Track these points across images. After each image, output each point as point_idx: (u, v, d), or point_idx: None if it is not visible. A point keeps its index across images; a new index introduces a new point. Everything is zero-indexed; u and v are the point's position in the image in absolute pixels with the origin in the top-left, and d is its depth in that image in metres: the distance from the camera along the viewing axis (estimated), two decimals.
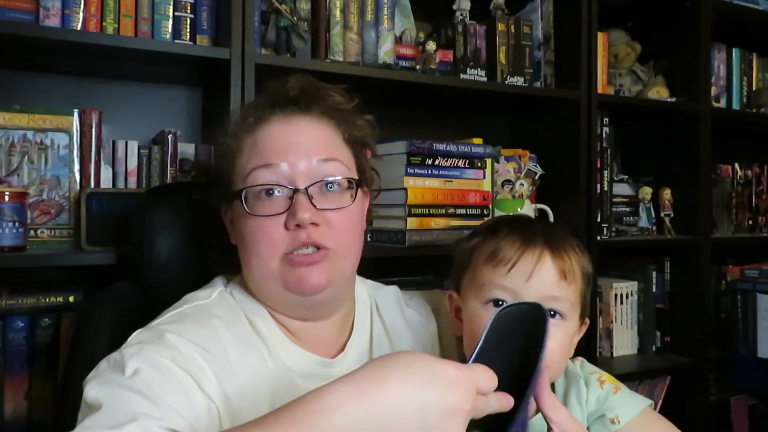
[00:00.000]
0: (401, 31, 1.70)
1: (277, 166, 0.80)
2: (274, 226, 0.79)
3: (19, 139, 1.30)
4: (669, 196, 2.03)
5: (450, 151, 1.55)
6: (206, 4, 1.41)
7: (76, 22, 1.29)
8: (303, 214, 0.77)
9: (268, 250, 0.79)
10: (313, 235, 0.79)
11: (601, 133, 1.86)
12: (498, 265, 0.79)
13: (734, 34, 2.22)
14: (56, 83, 1.48)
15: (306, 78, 0.88)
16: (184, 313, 0.81)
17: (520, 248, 0.79)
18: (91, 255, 1.26)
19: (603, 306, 1.95)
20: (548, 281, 0.79)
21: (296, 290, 0.80)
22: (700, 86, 2.00)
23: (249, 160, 0.82)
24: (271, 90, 0.87)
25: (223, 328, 0.79)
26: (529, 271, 0.78)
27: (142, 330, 0.77)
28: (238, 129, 0.86)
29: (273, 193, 0.80)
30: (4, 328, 1.24)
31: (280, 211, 0.79)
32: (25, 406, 1.26)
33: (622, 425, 0.83)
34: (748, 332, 1.97)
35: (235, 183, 0.84)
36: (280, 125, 0.83)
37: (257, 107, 0.86)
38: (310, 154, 0.81)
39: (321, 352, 0.86)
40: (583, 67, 1.77)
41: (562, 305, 0.80)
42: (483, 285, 0.81)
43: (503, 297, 0.79)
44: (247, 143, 0.83)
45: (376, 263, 1.43)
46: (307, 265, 0.79)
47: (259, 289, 0.84)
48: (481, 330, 0.69)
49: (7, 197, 1.20)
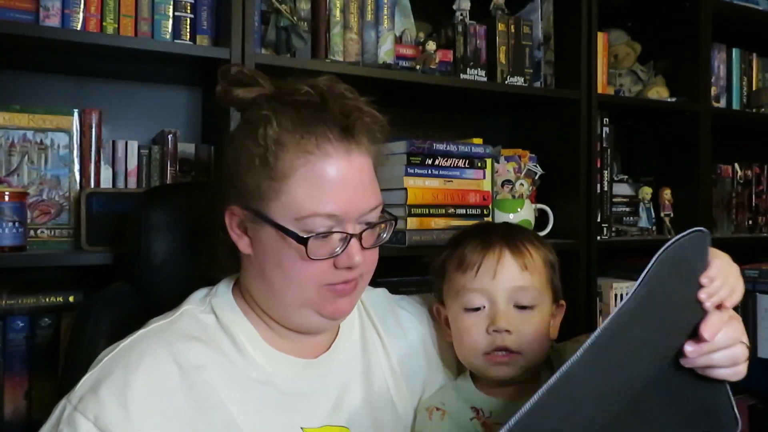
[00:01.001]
0: (401, 31, 1.70)
1: (336, 215, 0.78)
2: (325, 264, 0.79)
3: (19, 139, 1.30)
4: (669, 196, 2.03)
5: (450, 151, 1.55)
6: (206, 4, 1.41)
7: (76, 22, 1.29)
8: (357, 258, 0.79)
9: (312, 284, 0.79)
10: (355, 272, 0.81)
11: (601, 133, 1.86)
12: (466, 271, 0.88)
13: (734, 34, 2.22)
14: (56, 83, 1.48)
15: (346, 93, 0.80)
16: (132, 353, 0.77)
17: (481, 251, 0.88)
18: (91, 255, 1.26)
19: (603, 306, 1.94)
20: (512, 275, 0.87)
21: (329, 316, 0.82)
22: (700, 86, 2.00)
23: (305, 197, 0.76)
24: (313, 104, 0.78)
25: (176, 375, 0.76)
26: (493, 270, 0.87)
27: (90, 372, 0.76)
28: (288, 143, 0.77)
29: (327, 235, 0.79)
30: (4, 328, 1.24)
31: (335, 254, 0.78)
32: (24, 406, 1.26)
33: None
34: (748, 332, 1.95)
35: (274, 210, 0.78)
36: (341, 161, 0.78)
37: (307, 130, 0.77)
38: (365, 201, 0.80)
39: (305, 354, 0.86)
40: (583, 67, 1.77)
41: (530, 294, 0.88)
42: (458, 291, 0.89)
43: (476, 299, 0.88)
44: (300, 172, 0.76)
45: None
46: (345, 294, 0.82)
47: (282, 309, 0.83)
48: (466, 333, 0.85)
49: (7, 197, 1.20)
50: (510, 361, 0.86)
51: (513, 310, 0.86)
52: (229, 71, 0.84)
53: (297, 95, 0.79)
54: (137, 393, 0.72)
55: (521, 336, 0.85)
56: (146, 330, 0.81)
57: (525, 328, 0.86)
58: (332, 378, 0.86)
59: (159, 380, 0.74)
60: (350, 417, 0.84)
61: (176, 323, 0.82)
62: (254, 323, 0.85)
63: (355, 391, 0.87)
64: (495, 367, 0.87)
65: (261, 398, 0.79)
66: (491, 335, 0.86)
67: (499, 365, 0.86)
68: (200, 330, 0.82)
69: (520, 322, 0.86)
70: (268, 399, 0.79)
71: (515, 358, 0.86)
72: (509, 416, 0.58)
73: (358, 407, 0.85)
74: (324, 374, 0.85)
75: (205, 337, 0.81)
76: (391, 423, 0.88)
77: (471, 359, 0.89)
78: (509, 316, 0.86)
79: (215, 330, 0.83)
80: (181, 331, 0.80)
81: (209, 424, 0.75)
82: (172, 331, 0.80)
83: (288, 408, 0.80)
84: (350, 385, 0.87)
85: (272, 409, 0.79)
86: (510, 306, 0.86)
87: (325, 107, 0.78)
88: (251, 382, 0.80)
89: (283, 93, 0.81)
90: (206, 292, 0.88)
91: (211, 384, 0.76)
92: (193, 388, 0.76)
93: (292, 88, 0.80)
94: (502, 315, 0.86)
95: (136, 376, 0.73)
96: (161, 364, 0.76)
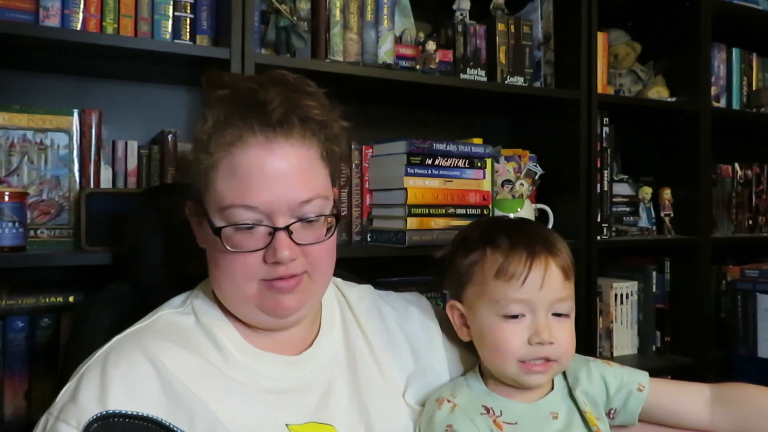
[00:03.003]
0: (401, 31, 1.70)
1: (256, 207, 0.77)
2: (253, 258, 0.78)
3: (19, 139, 1.30)
4: (669, 196, 2.03)
5: (450, 151, 1.55)
6: (206, 4, 1.41)
7: (75, 22, 1.29)
8: (283, 253, 0.77)
9: (244, 278, 0.79)
10: (291, 268, 0.79)
11: (601, 133, 1.86)
12: (510, 280, 0.85)
13: (734, 34, 2.22)
14: (56, 83, 1.48)
15: (284, 86, 0.80)
16: (108, 360, 0.77)
17: (527, 260, 0.85)
18: (91, 255, 1.26)
19: (603, 306, 1.95)
20: (557, 286, 0.86)
21: (271, 313, 0.81)
22: (700, 86, 2.00)
23: (226, 189, 0.77)
24: (246, 98, 0.78)
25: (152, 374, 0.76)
26: (540, 281, 0.85)
27: (68, 384, 0.76)
28: (212, 144, 0.78)
29: (252, 228, 0.77)
30: (4, 328, 1.24)
31: (260, 247, 0.77)
32: (24, 406, 1.25)
33: (647, 389, 0.92)
34: (748, 332, 1.97)
35: (207, 203, 0.80)
36: (260, 151, 0.77)
37: (232, 123, 0.78)
38: (291, 194, 0.78)
39: (287, 351, 0.85)
40: (583, 67, 1.77)
41: (568, 303, 0.87)
42: (498, 300, 0.86)
43: (520, 310, 0.85)
44: (223, 164, 0.78)
45: (376, 263, 1.44)
46: (285, 291, 0.80)
47: (229, 304, 0.83)
48: (504, 342, 0.84)
49: (7, 197, 1.20)
50: (546, 370, 0.86)
51: (552, 319, 0.86)
52: (210, 76, 0.84)
53: (236, 90, 0.80)
54: (116, 396, 0.73)
55: (560, 345, 0.85)
56: (121, 336, 0.81)
57: (563, 337, 0.86)
58: (316, 374, 0.85)
59: (137, 381, 0.74)
60: (336, 414, 0.83)
61: (150, 328, 0.82)
62: (234, 322, 0.84)
63: (341, 388, 0.86)
64: (531, 375, 0.85)
65: (243, 397, 0.78)
66: (533, 346, 0.84)
67: (536, 373, 0.85)
68: (175, 333, 0.81)
69: (558, 331, 0.85)
70: (251, 397, 0.79)
71: (552, 366, 0.86)
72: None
73: (344, 404, 0.84)
74: (308, 371, 0.85)
75: (181, 340, 0.80)
76: (377, 417, 0.86)
77: (505, 366, 0.87)
78: (550, 327, 0.85)
79: (194, 331, 0.82)
80: (156, 334, 0.80)
81: (191, 423, 0.74)
82: (146, 335, 0.80)
83: (272, 405, 0.79)
84: (335, 382, 0.86)
85: (255, 407, 0.78)
86: (549, 315, 0.86)
87: (256, 100, 0.77)
88: (231, 382, 0.79)
89: (229, 91, 0.81)
90: (187, 294, 0.88)
91: (187, 385, 0.76)
92: (172, 388, 0.75)
93: (234, 84, 0.81)
94: (544, 327, 0.84)
95: (113, 380, 0.73)
96: (137, 367, 0.76)
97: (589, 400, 0.90)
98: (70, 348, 0.98)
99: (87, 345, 0.92)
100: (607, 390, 0.92)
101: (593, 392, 0.91)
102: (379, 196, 1.60)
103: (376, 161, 1.62)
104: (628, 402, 0.92)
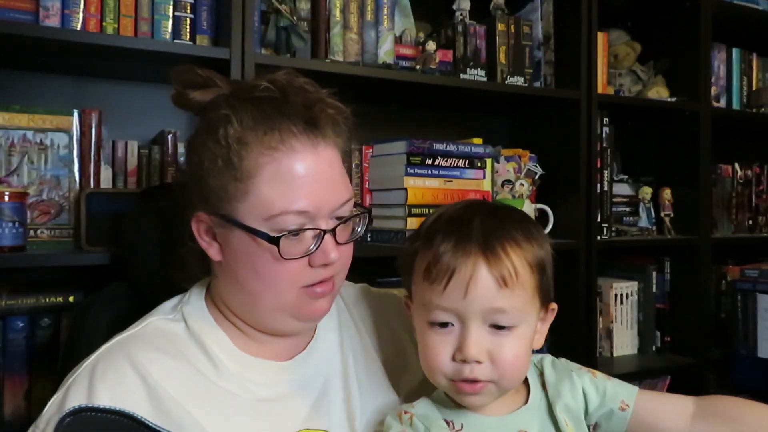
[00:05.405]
0: (401, 31, 1.70)
1: (308, 212, 0.75)
2: (299, 263, 0.76)
3: (19, 139, 1.30)
4: (669, 196, 2.03)
5: (450, 151, 1.55)
6: (206, 4, 1.41)
7: (75, 22, 1.29)
8: (333, 255, 0.77)
9: (288, 286, 0.78)
10: (330, 269, 0.79)
11: (601, 133, 1.86)
12: (433, 283, 0.73)
13: (734, 34, 2.22)
14: (56, 83, 1.48)
15: (306, 86, 0.78)
16: (95, 372, 0.75)
17: (451, 259, 0.72)
18: (91, 255, 1.26)
19: (603, 306, 1.95)
20: (487, 294, 0.71)
21: (305, 318, 0.81)
22: (700, 86, 2.00)
23: (274, 196, 0.74)
24: (269, 99, 0.76)
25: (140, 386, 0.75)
26: (464, 288, 0.71)
27: (56, 395, 0.75)
28: (247, 150, 0.74)
29: (298, 233, 0.76)
30: (4, 328, 1.24)
31: (310, 252, 0.76)
32: (24, 406, 1.25)
33: (632, 408, 0.82)
34: (748, 332, 1.97)
35: (241, 212, 0.76)
36: (308, 156, 0.75)
37: (268, 126, 0.74)
38: (335, 196, 0.78)
39: (280, 356, 0.84)
40: (583, 67, 1.77)
41: (509, 315, 0.72)
42: (424, 305, 0.75)
43: (447, 318, 0.73)
44: (267, 170, 0.74)
45: (376, 263, 1.44)
46: (324, 296, 0.80)
47: (261, 314, 0.81)
48: (431, 353, 0.73)
49: (7, 197, 1.20)
50: (477, 392, 0.73)
51: (487, 331, 0.72)
52: (181, 73, 0.81)
53: (256, 91, 0.76)
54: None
55: (496, 363, 0.72)
56: (109, 345, 0.79)
57: (501, 354, 0.72)
58: (310, 379, 0.84)
59: (124, 395, 0.73)
60: (330, 419, 0.82)
61: (139, 336, 0.80)
62: (226, 330, 0.82)
63: (336, 390, 0.84)
64: (463, 396, 0.74)
65: (233, 406, 0.77)
66: (457, 363, 0.72)
67: (468, 395, 0.74)
68: (165, 341, 0.79)
69: (495, 347, 0.72)
70: (241, 407, 0.77)
71: (487, 387, 0.73)
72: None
73: (339, 407, 0.83)
74: (301, 376, 0.83)
75: (170, 348, 0.78)
76: (373, 419, 0.85)
77: (437, 382, 0.76)
78: (481, 343, 0.72)
79: (184, 339, 0.80)
80: (144, 343, 0.78)
81: None
82: (135, 344, 0.78)
83: (263, 414, 0.78)
84: (330, 385, 0.84)
85: (246, 416, 0.77)
86: (484, 327, 0.72)
87: (287, 101, 0.75)
88: (221, 391, 0.77)
89: (241, 91, 0.78)
90: (178, 300, 0.86)
91: (175, 397, 0.74)
92: (160, 401, 0.74)
93: (251, 85, 0.78)
94: (472, 342, 0.71)
95: (101, 393, 0.72)
96: (125, 380, 0.74)
97: (571, 417, 0.80)
98: (69, 347, 0.98)
99: (86, 344, 0.92)
100: (586, 405, 0.82)
101: (576, 407, 0.81)
102: (379, 196, 1.60)
103: (376, 161, 1.62)
104: (611, 422, 0.83)
